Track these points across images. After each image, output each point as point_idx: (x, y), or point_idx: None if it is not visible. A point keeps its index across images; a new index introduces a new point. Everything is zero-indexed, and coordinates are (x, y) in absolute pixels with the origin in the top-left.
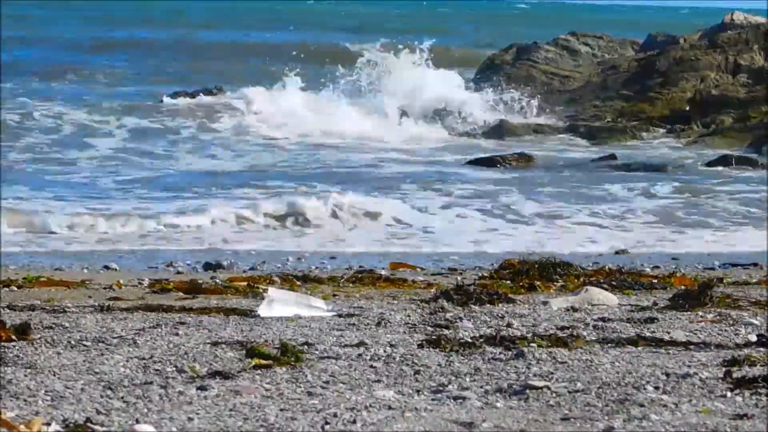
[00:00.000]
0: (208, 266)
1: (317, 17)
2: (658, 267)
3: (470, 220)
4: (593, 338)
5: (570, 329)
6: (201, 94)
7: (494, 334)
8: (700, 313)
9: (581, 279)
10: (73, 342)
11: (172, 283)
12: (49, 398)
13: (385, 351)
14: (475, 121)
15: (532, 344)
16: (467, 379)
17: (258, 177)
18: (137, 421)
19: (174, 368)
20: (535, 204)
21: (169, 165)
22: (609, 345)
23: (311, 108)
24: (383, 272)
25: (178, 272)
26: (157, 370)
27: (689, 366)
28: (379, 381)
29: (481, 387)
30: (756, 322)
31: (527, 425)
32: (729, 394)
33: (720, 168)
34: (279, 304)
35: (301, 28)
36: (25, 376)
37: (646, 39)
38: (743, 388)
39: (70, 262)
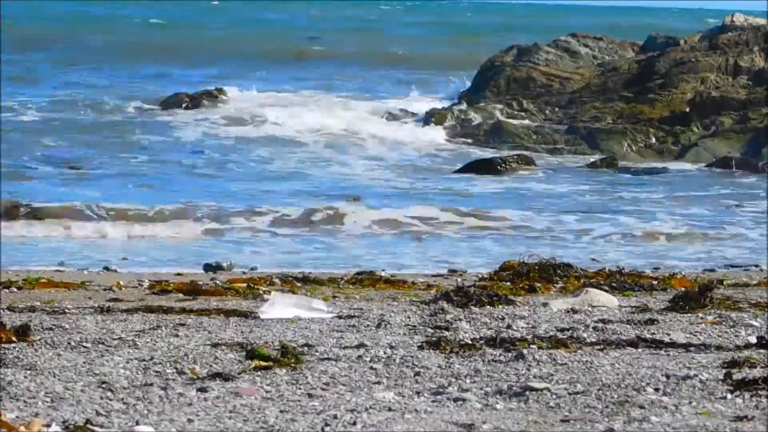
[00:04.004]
0: (208, 267)
1: None
2: (658, 269)
3: None
4: (593, 340)
5: (570, 331)
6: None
7: (494, 335)
8: (700, 315)
9: (581, 280)
10: (73, 343)
11: (172, 285)
12: (49, 399)
13: (385, 353)
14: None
15: (532, 346)
16: (467, 381)
17: None
18: (137, 423)
19: (174, 370)
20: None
21: None
22: (609, 346)
23: None
24: (383, 274)
25: (178, 273)
26: (157, 371)
27: (689, 368)
28: (379, 382)
29: (481, 389)
30: (756, 323)
31: (527, 427)
32: (729, 395)
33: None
34: (279, 306)
35: None
36: (25, 377)
37: (646, 40)
38: (743, 390)
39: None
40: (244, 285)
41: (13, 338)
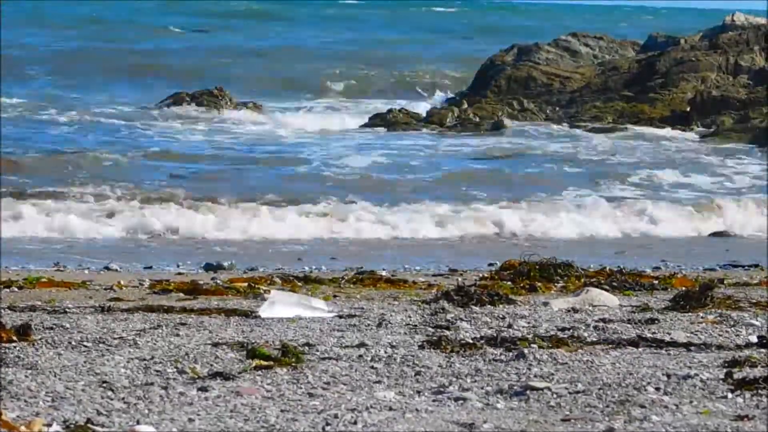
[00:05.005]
0: (208, 267)
1: None
2: (658, 268)
3: None
4: (594, 339)
5: (571, 330)
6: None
7: (495, 335)
8: (701, 314)
9: (582, 280)
10: (73, 343)
11: (172, 284)
12: (49, 399)
13: (385, 352)
14: None
15: (532, 345)
16: (468, 380)
17: None
18: (138, 422)
19: (175, 369)
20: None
21: None
22: (610, 346)
23: None
24: (384, 273)
25: (179, 273)
26: (157, 371)
27: (690, 367)
28: (379, 382)
29: (482, 388)
30: (757, 323)
31: (528, 426)
32: (730, 395)
33: None
34: (280, 305)
35: None
36: (26, 377)
37: (647, 40)
38: (744, 389)
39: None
40: (245, 284)
41: (14, 338)
